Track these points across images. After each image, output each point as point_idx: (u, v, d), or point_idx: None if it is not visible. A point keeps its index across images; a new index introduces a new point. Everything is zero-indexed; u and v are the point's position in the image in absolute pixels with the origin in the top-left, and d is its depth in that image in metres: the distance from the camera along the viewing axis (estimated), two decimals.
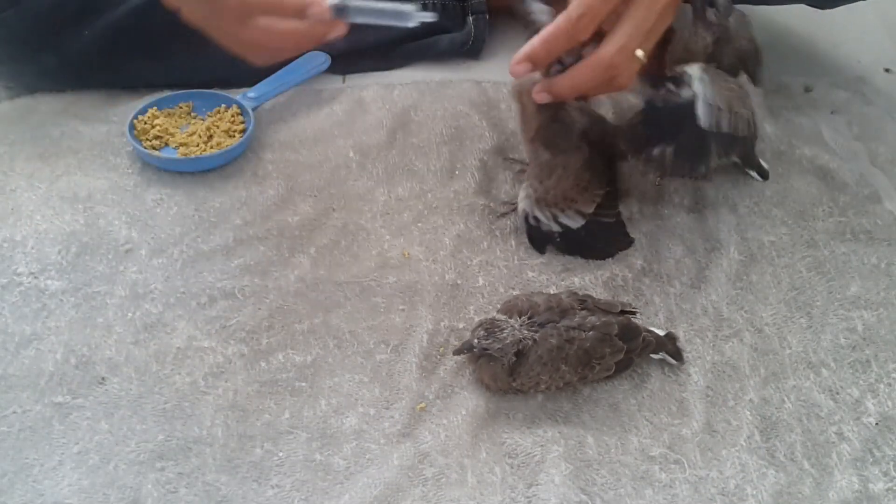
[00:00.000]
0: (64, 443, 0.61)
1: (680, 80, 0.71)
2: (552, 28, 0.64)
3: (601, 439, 0.62)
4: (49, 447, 0.60)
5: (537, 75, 0.70)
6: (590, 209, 0.75)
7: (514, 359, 0.61)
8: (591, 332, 0.63)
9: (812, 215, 0.80)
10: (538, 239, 0.75)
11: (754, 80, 0.83)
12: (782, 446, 0.62)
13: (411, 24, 0.63)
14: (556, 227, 0.74)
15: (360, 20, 0.64)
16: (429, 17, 0.63)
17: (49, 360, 0.65)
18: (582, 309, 0.65)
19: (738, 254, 0.75)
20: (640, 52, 0.65)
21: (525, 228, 0.76)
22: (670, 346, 0.67)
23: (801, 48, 1.04)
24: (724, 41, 0.78)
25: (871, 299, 0.73)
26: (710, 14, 0.75)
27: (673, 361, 0.67)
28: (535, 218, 0.75)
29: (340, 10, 0.63)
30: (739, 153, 0.79)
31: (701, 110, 0.70)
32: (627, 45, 0.64)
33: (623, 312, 0.66)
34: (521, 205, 0.75)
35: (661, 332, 0.67)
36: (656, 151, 0.72)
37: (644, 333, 0.65)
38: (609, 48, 0.64)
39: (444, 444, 0.61)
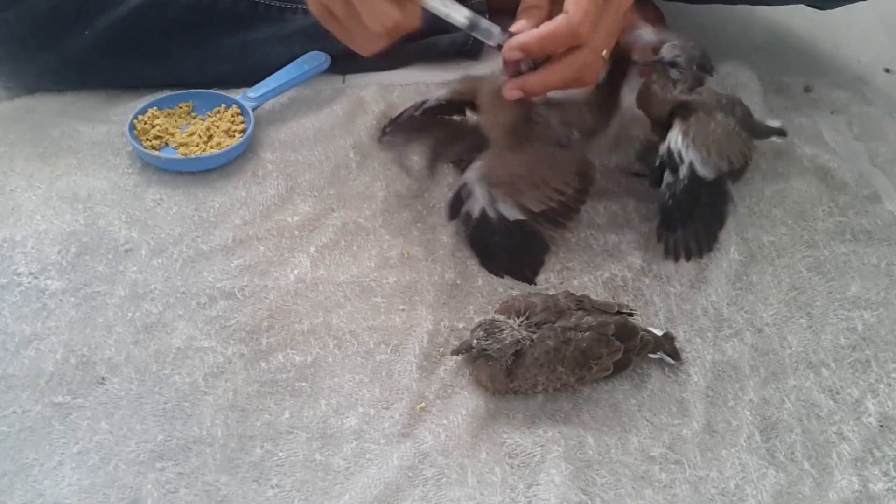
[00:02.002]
0: (64, 443, 0.61)
1: (672, 161, 0.73)
2: (552, 28, 0.64)
3: (601, 439, 0.62)
4: (49, 447, 0.60)
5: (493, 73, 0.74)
6: (536, 208, 0.73)
7: (512, 359, 0.61)
8: (587, 333, 0.63)
9: (812, 215, 0.80)
10: (454, 207, 0.74)
11: (711, 71, 0.80)
12: (782, 446, 0.62)
13: (492, 42, 0.69)
14: (489, 211, 0.72)
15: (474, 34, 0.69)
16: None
17: (49, 360, 0.65)
18: (579, 309, 0.64)
19: (738, 254, 0.75)
20: (605, 52, 0.68)
21: (451, 196, 0.75)
22: (668, 345, 0.67)
23: (801, 48, 1.04)
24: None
25: (871, 299, 0.73)
26: (674, 73, 0.75)
27: (671, 361, 0.67)
28: (470, 191, 0.73)
29: (472, 25, 0.69)
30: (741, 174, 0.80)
31: (702, 172, 0.73)
32: (599, 47, 0.67)
33: (620, 313, 0.66)
34: (466, 175, 0.73)
35: (659, 332, 0.67)
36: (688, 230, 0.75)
37: (642, 332, 0.65)
38: (586, 51, 0.66)
39: (445, 444, 0.61)
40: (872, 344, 0.69)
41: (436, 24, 0.97)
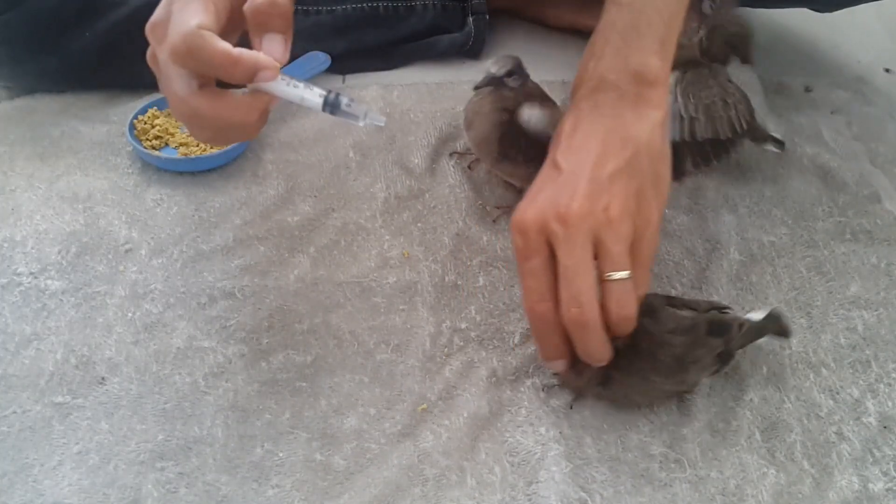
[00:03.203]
0: (64, 443, 0.61)
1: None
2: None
3: (600, 437, 0.62)
4: (49, 447, 0.60)
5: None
6: None
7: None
8: (680, 338, 0.60)
9: (812, 215, 0.80)
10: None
11: (747, 60, 0.81)
12: (782, 446, 0.62)
13: (360, 122, 0.57)
14: None
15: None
16: (380, 120, 0.57)
17: (49, 360, 0.65)
18: (669, 306, 0.61)
19: (738, 254, 0.75)
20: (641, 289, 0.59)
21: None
22: (773, 326, 0.64)
23: (801, 48, 1.04)
24: (712, 29, 0.76)
25: (871, 299, 0.73)
26: (706, 6, 0.73)
27: (783, 340, 0.65)
28: None
29: (331, 105, 0.56)
30: (727, 152, 0.78)
31: (669, 124, 0.66)
32: (642, 291, 0.58)
33: (711, 310, 0.63)
34: None
35: (760, 316, 0.64)
36: None
37: (738, 322, 0.62)
38: (631, 307, 0.56)
39: (445, 443, 0.61)
40: (872, 344, 0.69)
41: (435, 25, 0.98)
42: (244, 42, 0.54)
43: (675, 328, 0.60)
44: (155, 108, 0.85)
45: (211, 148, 0.82)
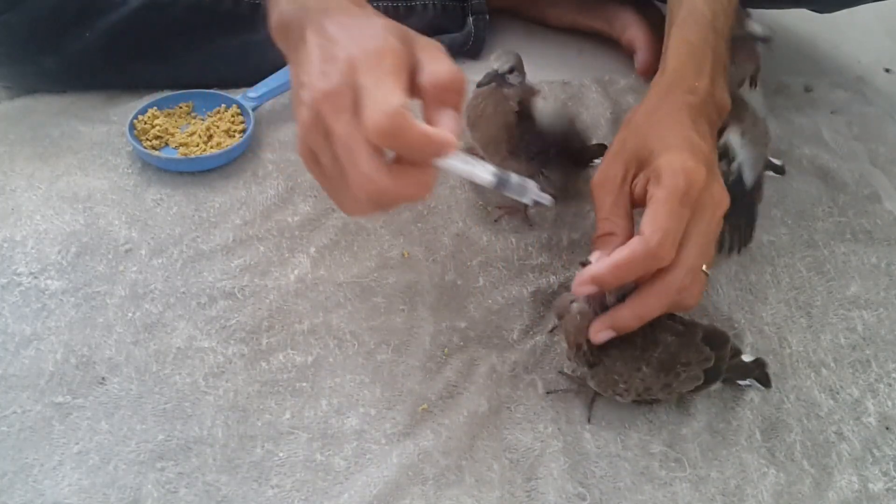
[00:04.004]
0: (64, 443, 0.61)
1: (725, 153, 0.69)
2: (626, 254, 0.55)
3: (599, 434, 0.62)
4: (49, 447, 0.60)
5: None
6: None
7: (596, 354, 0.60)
8: (674, 337, 0.60)
9: (812, 215, 0.80)
10: None
11: (755, 85, 0.83)
12: (782, 446, 0.62)
13: (526, 199, 0.55)
14: None
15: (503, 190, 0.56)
16: (546, 199, 0.55)
17: (49, 360, 0.65)
18: (668, 319, 0.62)
19: (737, 254, 0.75)
20: (705, 267, 0.59)
21: None
22: (758, 371, 0.65)
23: (801, 48, 1.05)
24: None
25: (871, 299, 0.73)
26: (759, 47, 0.75)
27: (761, 387, 0.65)
28: None
29: (501, 183, 0.54)
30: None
31: (747, 176, 0.69)
32: (696, 264, 0.58)
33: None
34: None
35: (749, 359, 0.65)
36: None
37: (731, 343, 0.62)
38: (679, 272, 0.57)
39: (445, 442, 0.61)
40: (872, 344, 0.69)
41: (435, 25, 0.98)
42: None
43: (671, 330, 0.61)
44: (155, 108, 0.85)
45: (210, 148, 0.82)
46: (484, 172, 0.53)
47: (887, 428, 0.64)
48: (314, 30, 0.53)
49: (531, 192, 0.55)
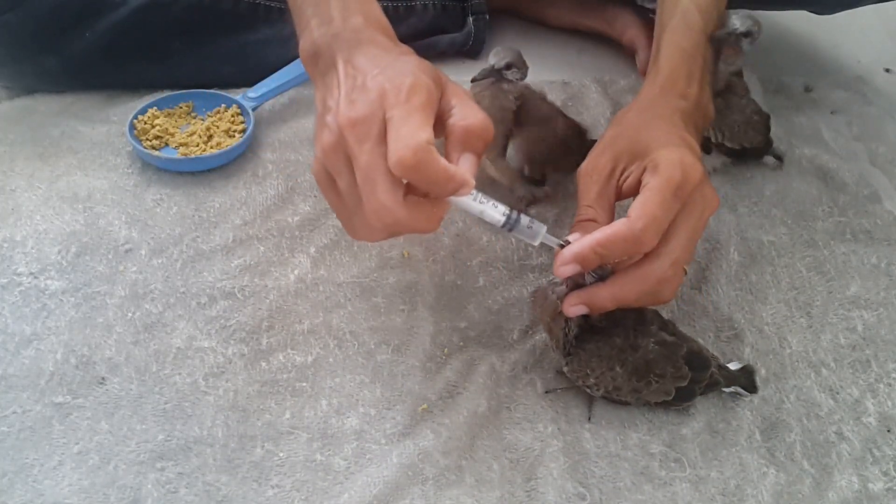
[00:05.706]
0: (64, 443, 0.61)
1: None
2: (609, 233, 0.55)
3: (599, 434, 0.62)
4: (49, 447, 0.60)
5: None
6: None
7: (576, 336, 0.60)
8: (656, 347, 0.60)
9: (812, 215, 0.80)
10: None
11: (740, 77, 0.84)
12: (782, 446, 0.62)
13: (535, 242, 0.57)
14: None
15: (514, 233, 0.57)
16: (554, 243, 0.56)
17: (49, 360, 0.65)
18: (660, 329, 0.62)
19: (737, 254, 0.75)
20: (685, 266, 0.59)
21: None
22: (744, 379, 0.64)
23: (801, 48, 1.05)
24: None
25: (871, 299, 0.73)
26: (745, 45, 0.77)
27: (746, 394, 0.65)
28: None
29: (511, 224, 0.56)
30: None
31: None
32: (680, 258, 0.58)
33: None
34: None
35: (736, 367, 0.65)
36: None
37: (713, 369, 0.62)
38: (663, 262, 0.57)
39: (445, 442, 0.61)
40: (872, 344, 0.69)
41: (435, 25, 0.98)
42: None
43: (656, 338, 0.61)
44: (155, 108, 0.85)
45: (211, 148, 0.82)
46: (495, 213, 0.55)
47: (888, 429, 0.64)
48: (345, 59, 0.55)
49: (540, 235, 0.56)
